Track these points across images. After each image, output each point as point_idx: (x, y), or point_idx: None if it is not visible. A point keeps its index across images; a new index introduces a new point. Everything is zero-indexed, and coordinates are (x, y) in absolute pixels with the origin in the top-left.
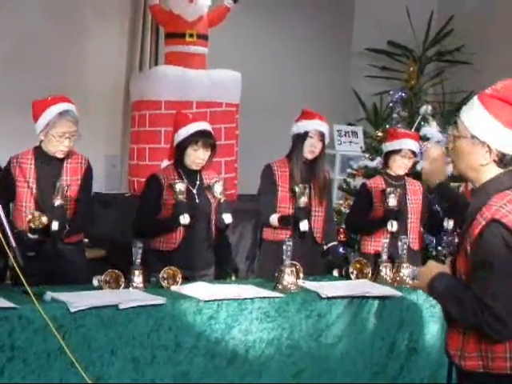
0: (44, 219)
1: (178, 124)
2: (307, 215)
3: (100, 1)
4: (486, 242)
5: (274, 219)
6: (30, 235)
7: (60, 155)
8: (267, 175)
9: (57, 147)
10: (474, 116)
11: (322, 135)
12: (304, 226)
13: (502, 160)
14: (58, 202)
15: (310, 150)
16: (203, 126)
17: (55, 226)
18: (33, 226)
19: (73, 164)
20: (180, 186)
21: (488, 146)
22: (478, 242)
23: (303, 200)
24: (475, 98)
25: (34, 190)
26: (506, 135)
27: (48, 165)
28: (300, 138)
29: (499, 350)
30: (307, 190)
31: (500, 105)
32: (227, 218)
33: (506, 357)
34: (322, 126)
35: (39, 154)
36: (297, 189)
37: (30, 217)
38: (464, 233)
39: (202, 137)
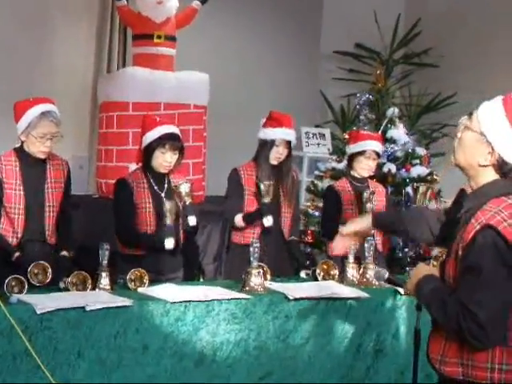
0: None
1: (146, 127)
2: (272, 211)
3: (67, 2)
4: (478, 247)
5: (238, 218)
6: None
7: (41, 156)
8: (234, 178)
9: (38, 148)
10: (490, 114)
11: (288, 142)
12: (268, 221)
13: (502, 167)
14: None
15: (276, 156)
16: (171, 129)
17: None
18: (33, 282)
19: (55, 166)
20: (169, 206)
21: (492, 147)
22: (469, 247)
23: (267, 197)
24: (500, 97)
25: (22, 192)
26: None
27: (32, 167)
28: (266, 146)
29: (481, 359)
30: (271, 188)
31: None
32: (192, 221)
33: (487, 367)
34: (289, 135)
35: (22, 155)
36: (262, 186)
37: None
38: (456, 236)
39: (169, 140)
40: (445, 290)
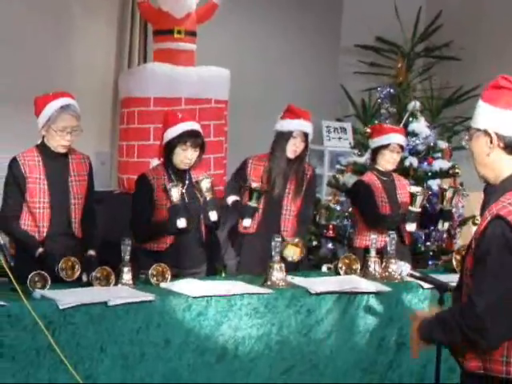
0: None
1: (168, 123)
2: (253, 215)
3: None
4: (486, 237)
5: (230, 200)
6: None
7: (62, 150)
8: (241, 167)
9: (58, 142)
10: (475, 111)
11: (305, 135)
12: (246, 222)
13: (507, 144)
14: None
15: (293, 149)
16: (192, 125)
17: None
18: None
19: (77, 160)
20: (175, 189)
21: (487, 131)
22: (480, 238)
23: (255, 200)
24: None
25: (46, 186)
26: (503, 116)
27: (54, 161)
28: (283, 137)
29: (497, 353)
30: (262, 196)
31: (495, 92)
32: (213, 216)
33: (502, 360)
34: (307, 127)
35: (44, 150)
36: (253, 186)
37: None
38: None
39: (190, 137)
40: (440, 315)
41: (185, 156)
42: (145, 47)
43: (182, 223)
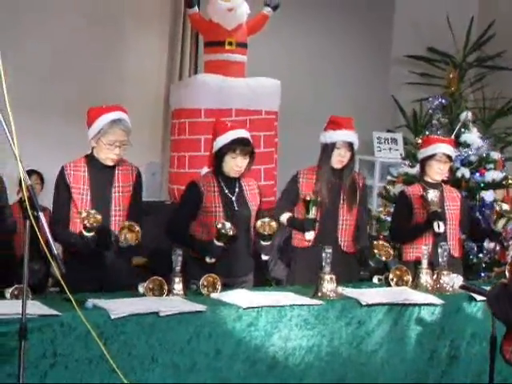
0: (99, 217)
1: (217, 132)
2: (314, 227)
3: (140, 10)
4: None
5: (283, 218)
6: (85, 233)
7: (110, 163)
8: (291, 182)
9: (106, 154)
10: None
11: (350, 145)
12: (309, 235)
13: None
14: None
15: (338, 159)
16: (241, 133)
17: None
18: (87, 225)
19: (124, 171)
20: (225, 227)
21: None
22: None
23: (313, 212)
24: None
25: (89, 197)
26: None
27: (100, 172)
28: (328, 149)
29: None
30: (318, 202)
31: None
32: (264, 256)
33: None
34: (350, 136)
35: (91, 161)
36: (308, 198)
37: (84, 214)
38: None
39: (240, 144)
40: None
41: (235, 164)
42: (196, 59)
43: (210, 260)
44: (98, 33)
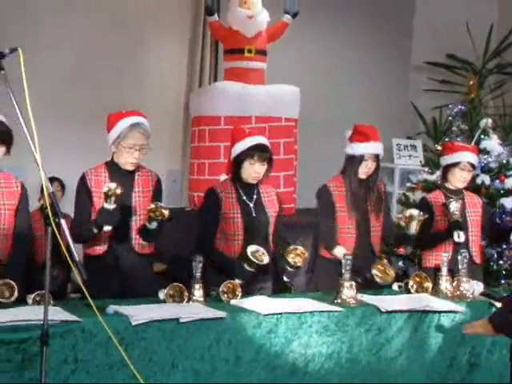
0: (166, 212)
1: (235, 138)
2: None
3: (160, 18)
4: None
5: (339, 253)
6: (147, 225)
7: (130, 167)
8: (325, 196)
9: (126, 159)
10: None
11: (376, 156)
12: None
13: None
14: None
15: (365, 171)
16: (260, 139)
17: None
18: (153, 216)
19: (144, 177)
20: (259, 251)
21: None
22: None
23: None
24: None
25: None
26: None
27: (121, 177)
28: (355, 161)
29: None
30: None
31: None
32: (285, 277)
33: None
34: (378, 149)
35: (112, 166)
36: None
37: (152, 206)
38: None
39: (258, 151)
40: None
41: (253, 170)
42: (216, 66)
43: (238, 280)
44: (118, 40)
